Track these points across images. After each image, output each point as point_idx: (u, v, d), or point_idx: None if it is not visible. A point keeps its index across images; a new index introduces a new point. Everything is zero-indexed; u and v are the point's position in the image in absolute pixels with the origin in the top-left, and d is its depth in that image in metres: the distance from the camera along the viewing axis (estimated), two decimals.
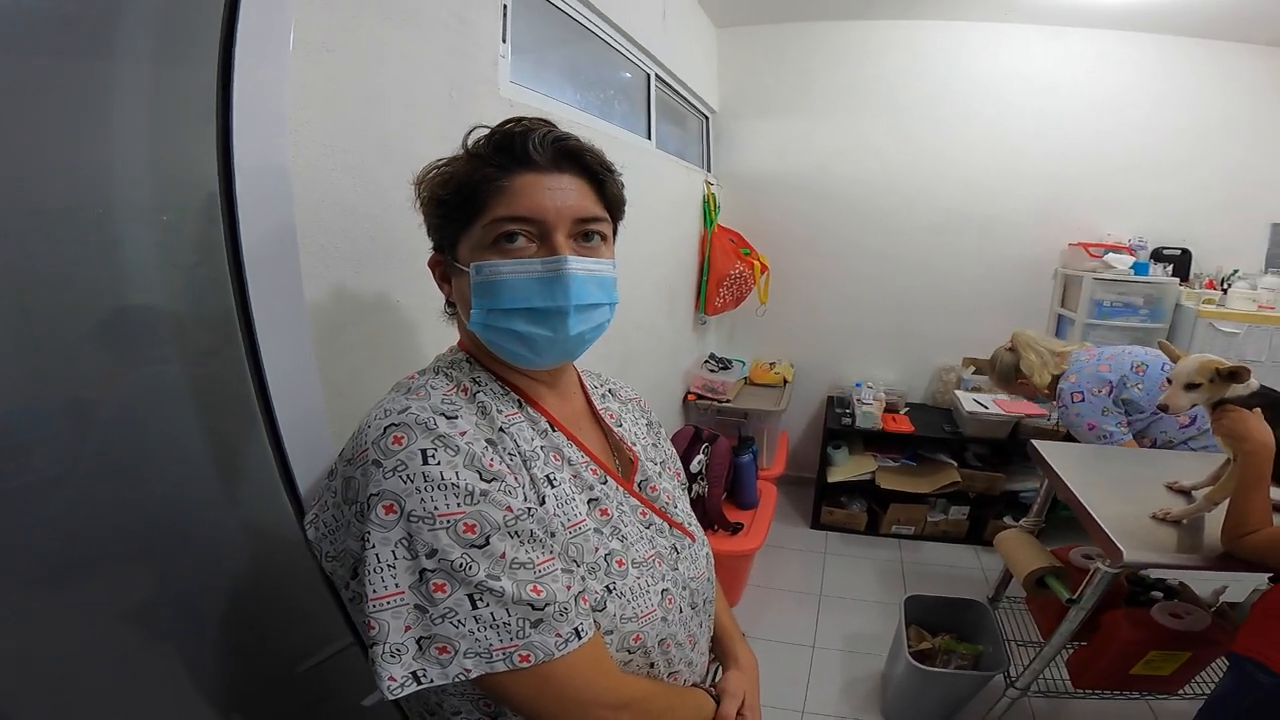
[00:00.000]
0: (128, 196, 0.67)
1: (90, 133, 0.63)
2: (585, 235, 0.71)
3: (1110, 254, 2.90)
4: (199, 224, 0.73)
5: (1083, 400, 2.04)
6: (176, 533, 0.74)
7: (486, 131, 0.71)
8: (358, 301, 0.96)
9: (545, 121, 0.70)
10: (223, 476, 0.79)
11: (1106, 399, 2.02)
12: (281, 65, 0.78)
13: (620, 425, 0.87)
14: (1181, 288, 2.96)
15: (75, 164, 0.62)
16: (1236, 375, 1.34)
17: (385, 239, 0.99)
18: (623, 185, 0.77)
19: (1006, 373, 2.28)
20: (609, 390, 0.93)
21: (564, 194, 0.69)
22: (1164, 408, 1.42)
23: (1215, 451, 1.83)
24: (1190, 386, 1.38)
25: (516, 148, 0.67)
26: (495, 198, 0.67)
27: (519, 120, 0.70)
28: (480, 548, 0.59)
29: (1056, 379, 2.16)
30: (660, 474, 0.87)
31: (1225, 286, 2.94)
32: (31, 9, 0.57)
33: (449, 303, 0.78)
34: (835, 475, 3.15)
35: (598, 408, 0.86)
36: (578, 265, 0.68)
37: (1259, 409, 1.33)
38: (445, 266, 0.74)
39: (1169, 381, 1.44)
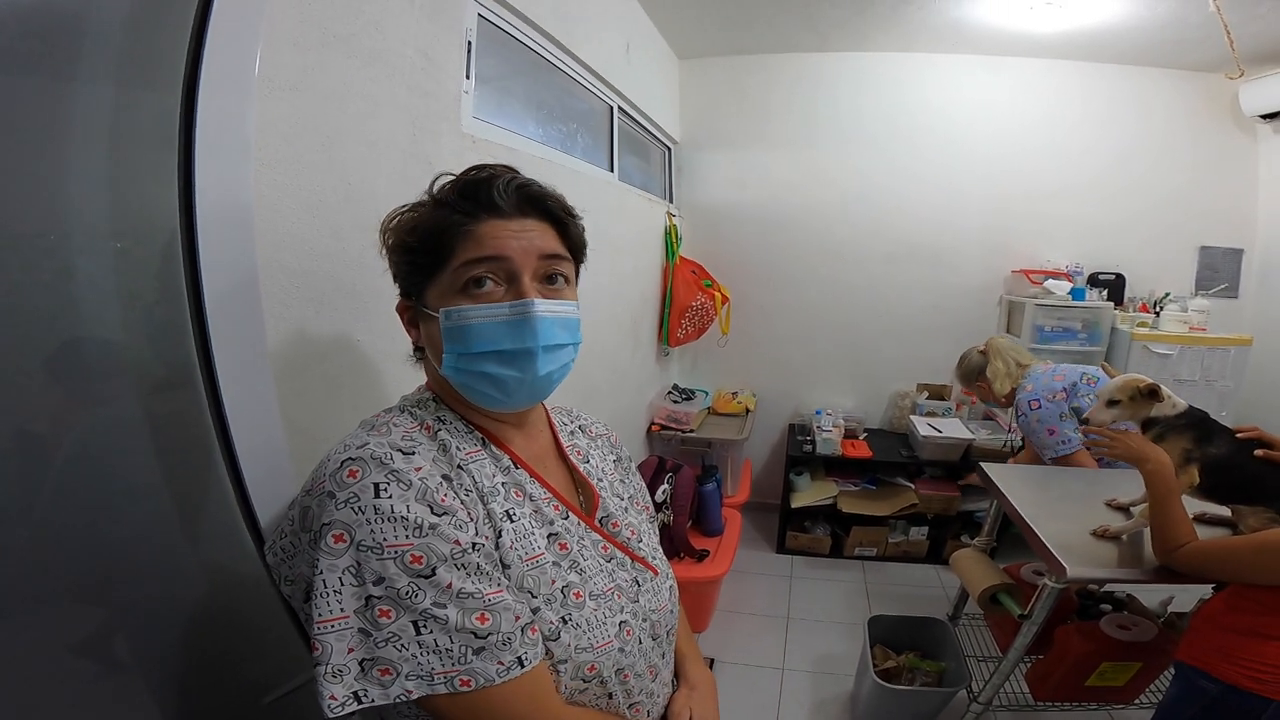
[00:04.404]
0: (88, 225, 0.67)
1: (52, 157, 0.63)
2: (549, 278, 0.74)
3: (1050, 280, 3.04)
4: (159, 257, 0.73)
5: (1040, 407, 2.11)
6: (136, 569, 0.73)
7: (451, 179, 0.73)
8: (319, 341, 0.96)
9: (509, 168, 0.73)
10: (183, 513, 0.78)
11: (1064, 404, 2.08)
12: (246, 96, 0.79)
13: (587, 462, 0.88)
14: (1116, 311, 3.09)
15: (36, 189, 0.62)
16: (1155, 393, 1.42)
17: (346, 278, 1.00)
18: (584, 229, 0.80)
19: (970, 372, 2.38)
20: (579, 427, 0.94)
21: (528, 237, 0.71)
22: (1085, 421, 1.50)
23: None
24: (1111, 403, 1.46)
25: (481, 194, 0.70)
26: (462, 243, 0.70)
27: (482, 167, 0.73)
28: (427, 578, 0.61)
29: (1014, 391, 2.24)
30: (626, 509, 0.89)
31: (1158, 309, 3.08)
32: None
33: (417, 347, 0.79)
34: (798, 501, 3.19)
35: (564, 445, 0.87)
36: (543, 307, 0.70)
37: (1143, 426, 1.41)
38: (414, 312, 0.76)
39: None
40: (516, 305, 0.70)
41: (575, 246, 0.79)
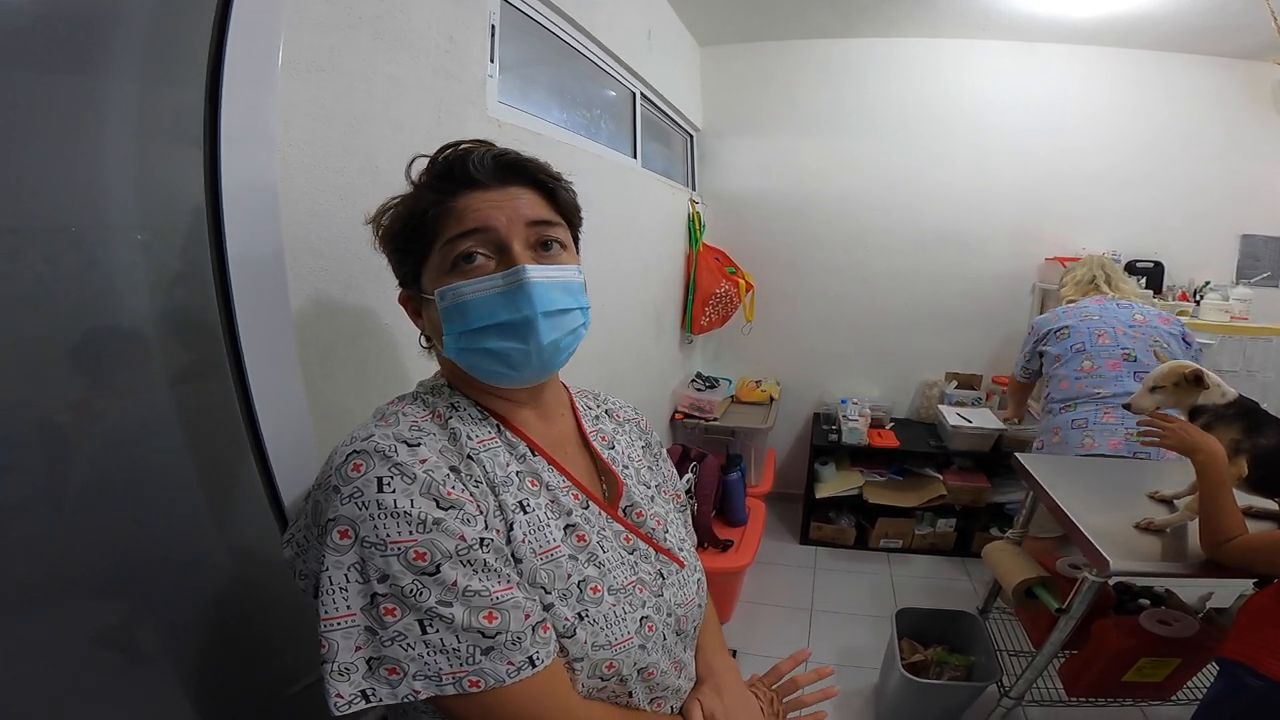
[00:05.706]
0: (113, 216, 0.67)
1: (76, 150, 0.63)
2: (544, 244, 0.71)
3: None
4: (186, 244, 0.73)
5: (1032, 330, 2.37)
6: (165, 556, 0.73)
7: (427, 160, 0.72)
8: (347, 324, 0.96)
9: (483, 141, 0.71)
10: (210, 499, 0.78)
11: (1031, 340, 2.34)
12: (270, 84, 0.78)
13: (612, 448, 0.85)
14: (1155, 300, 3.00)
15: (61, 181, 0.62)
16: (1200, 379, 1.37)
17: (374, 261, 0.96)
18: (574, 193, 0.78)
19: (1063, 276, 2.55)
20: (606, 411, 0.91)
21: (513, 204, 0.69)
22: (1128, 406, 1.46)
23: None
24: (1155, 389, 1.42)
25: (457, 170, 0.69)
26: (444, 221, 0.68)
27: (456, 144, 0.71)
28: (431, 575, 0.59)
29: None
30: (652, 498, 0.85)
31: (1198, 298, 2.98)
32: (19, 24, 0.57)
33: (424, 336, 0.78)
34: (823, 491, 3.16)
35: (588, 430, 0.84)
36: (538, 273, 0.68)
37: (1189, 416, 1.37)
38: (414, 301, 0.75)
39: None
40: (509, 274, 0.67)
41: (567, 211, 0.76)
